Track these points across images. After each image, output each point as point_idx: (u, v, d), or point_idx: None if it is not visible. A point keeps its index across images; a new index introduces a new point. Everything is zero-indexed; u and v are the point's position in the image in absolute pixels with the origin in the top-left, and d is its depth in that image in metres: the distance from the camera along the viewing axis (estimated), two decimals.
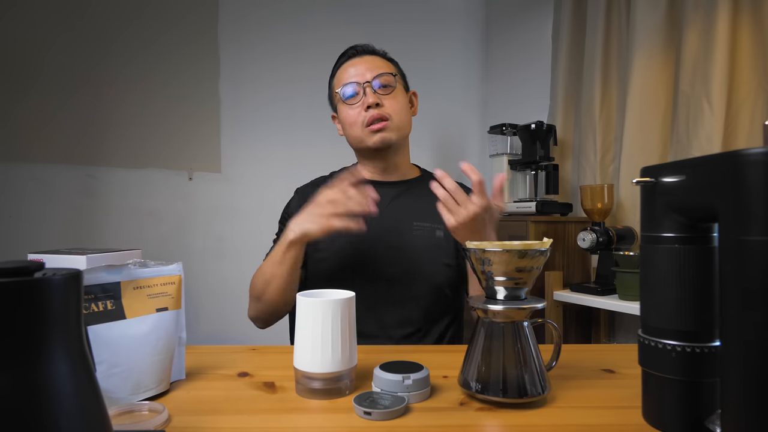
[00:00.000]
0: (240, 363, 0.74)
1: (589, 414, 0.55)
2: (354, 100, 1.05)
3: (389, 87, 1.06)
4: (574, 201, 2.01)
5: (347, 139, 1.10)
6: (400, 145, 1.10)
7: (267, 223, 1.15)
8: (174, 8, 2.09)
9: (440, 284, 1.03)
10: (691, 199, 0.45)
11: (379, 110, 1.03)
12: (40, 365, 0.31)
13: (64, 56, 1.92)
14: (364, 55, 1.09)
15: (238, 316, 2.03)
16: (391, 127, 1.04)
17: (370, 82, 1.04)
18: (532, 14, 2.35)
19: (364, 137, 1.04)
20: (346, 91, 1.05)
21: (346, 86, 1.05)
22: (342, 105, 1.07)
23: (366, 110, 1.03)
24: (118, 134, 2.01)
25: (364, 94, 1.04)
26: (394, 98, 1.06)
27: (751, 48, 1.52)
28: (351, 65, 1.07)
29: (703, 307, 0.46)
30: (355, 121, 1.05)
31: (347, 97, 1.05)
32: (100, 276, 0.57)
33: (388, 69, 1.07)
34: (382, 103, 1.04)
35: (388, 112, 1.04)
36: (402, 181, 1.12)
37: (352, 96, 1.05)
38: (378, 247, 1.02)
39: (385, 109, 1.04)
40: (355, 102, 1.05)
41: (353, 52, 1.10)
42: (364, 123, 1.03)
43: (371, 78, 1.04)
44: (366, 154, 1.10)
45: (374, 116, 1.02)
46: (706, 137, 1.55)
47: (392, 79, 1.07)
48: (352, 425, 0.52)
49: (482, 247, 0.57)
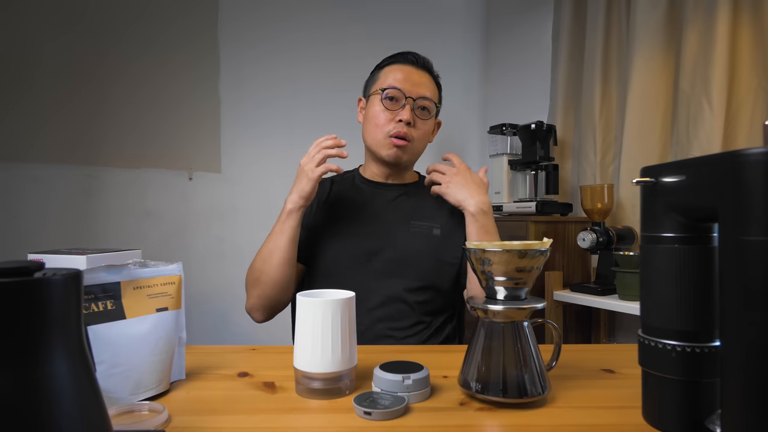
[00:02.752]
0: (240, 363, 0.74)
1: (589, 414, 0.55)
2: (393, 105, 1.06)
3: (427, 112, 1.08)
4: (574, 201, 2.01)
5: (364, 132, 1.12)
6: (409, 165, 1.15)
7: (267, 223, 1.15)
8: (174, 8, 2.09)
9: (437, 281, 1.05)
10: (691, 199, 0.45)
11: (409, 129, 1.05)
12: (40, 365, 0.32)
13: (64, 56, 1.92)
14: (422, 70, 1.09)
15: (238, 316, 2.04)
16: (410, 149, 1.08)
17: (415, 99, 1.05)
18: (531, 14, 2.34)
19: (383, 144, 1.07)
20: (390, 93, 1.06)
21: (392, 89, 1.05)
22: (377, 101, 1.07)
23: (397, 122, 1.04)
24: (118, 134, 2.01)
25: (403, 107, 1.05)
26: (425, 125, 1.09)
27: (751, 48, 1.52)
28: (406, 71, 1.07)
29: (703, 307, 0.46)
30: (382, 125, 1.06)
31: (388, 99, 1.06)
32: (100, 276, 0.57)
33: (433, 95, 1.10)
34: (414, 124, 1.06)
35: (414, 134, 1.06)
36: (401, 184, 1.15)
37: (392, 100, 1.06)
38: (377, 245, 1.04)
39: (413, 131, 1.06)
40: (392, 107, 1.06)
41: (413, 59, 1.10)
42: (389, 132, 1.05)
43: (417, 96, 1.06)
44: (376, 157, 1.11)
45: (401, 132, 1.04)
46: (706, 137, 1.55)
47: (433, 106, 1.09)
48: (352, 425, 0.52)
49: (482, 247, 0.57)
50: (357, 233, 1.06)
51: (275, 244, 0.97)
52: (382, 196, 1.12)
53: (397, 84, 1.05)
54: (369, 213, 1.09)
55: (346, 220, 1.08)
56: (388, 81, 1.07)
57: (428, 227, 1.08)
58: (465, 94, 2.60)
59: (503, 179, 2.11)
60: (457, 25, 2.60)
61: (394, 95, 1.05)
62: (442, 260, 1.06)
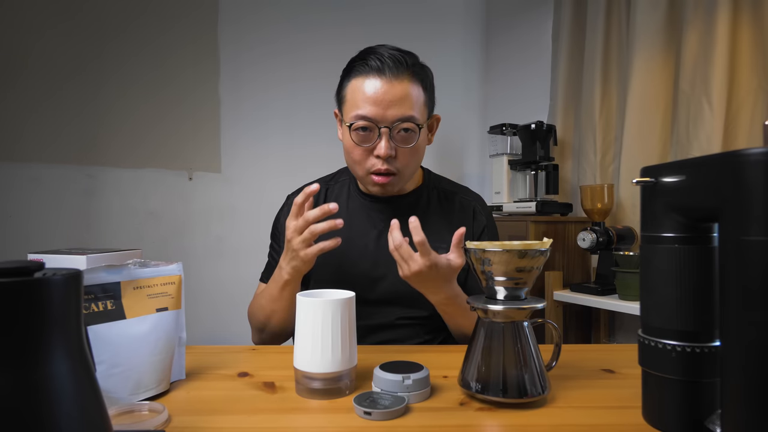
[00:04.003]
0: (240, 363, 0.74)
1: (589, 414, 0.55)
2: (366, 137, 0.89)
3: (412, 134, 0.89)
4: (574, 201, 2.01)
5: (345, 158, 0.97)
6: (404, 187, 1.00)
7: (266, 223, 1.15)
8: (174, 9, 2.09)
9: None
10: (691, 199, 0.45)
11: (390, 164, 0.89)
12: (40, 365, 0.32)
13: (64, 57, 1.92)
14: (393, 79, 0.87)
15: (238, 316, 2.03)
16: (397, 181, 0.93)
17: (391, 127, 0.87)
18: (532, 14, 2.35)
19: (364, 180, 0.95)
20: (358, 123, 0.88)
21: (358, 118, 0.87)
22: (347, 130, 0.90)
23: (375, 157, 0.89)
24: (118, 134, 2.01)
25: (379, 136, 0.87)
26: (411, 149, 0.90)
27: (751, 48, 1.52)
28: (374, 87, 0.87)
29: (703, 307, 0.46)
30: (358, 161, 0.92)
31: (357, 130, 0.89)
32: (100, 276, 0.57)
33: (418, 108, 0.89)
34: (396, 155, 0.89)
35: (398, 166, 0.90)
36: (402, 195, 1.02)
37: (365, 131, 0.88)
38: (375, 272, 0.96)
39: (396, 163, 0.90)
40: (366, 141, 0.89)
41: (379, 65, 0.87)
42: (369, 169, 0.91)
43: (393, 120, 0.87)
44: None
45: (381, 170, 0.89)
46: (706, 137, 1.55)
47: (416, 127, 0.89)
48: (352, 425, 0.52)
49: (482, 247, 0.57)
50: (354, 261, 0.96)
51: (275, 306, 0.90)
52: (379, 213, 1.00)
53: (365, 112, 0.86)
54: (366, 235, 0.98)
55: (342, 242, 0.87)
56: (355, 108, 0.88)
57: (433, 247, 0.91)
58: (465, 94, 2.60)
59: (503, 179, 2.11)
60: (457, 25, 2.60)
61: (365, 125, 0.87)
62: None
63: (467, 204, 1.05)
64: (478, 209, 1.05)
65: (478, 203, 1.07)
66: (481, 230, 1.04)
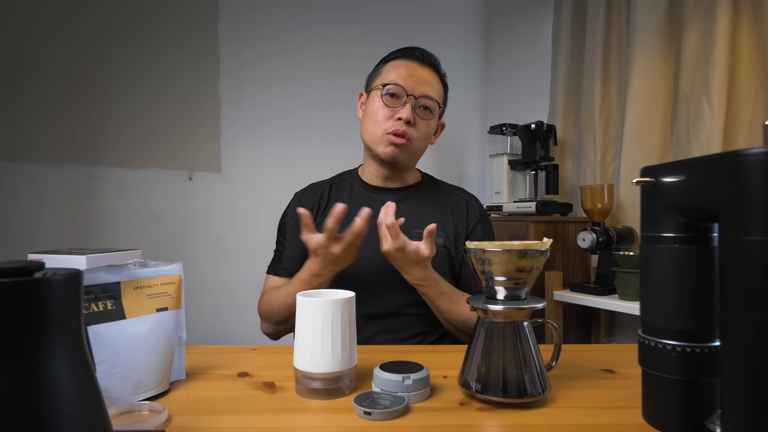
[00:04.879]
0: (240, 363, 0.74)
1: (589, 414, 0.55)
2: (394, 102, 1.02)
3: (428, 111, 1.04)
4: (574, 201, 2.01)
5: (362, 128, 1.07)
6: (408, 165, 1.09)
7: (267, 222, 1.15)
8: (174, 8, 2.09)
9: None
10: (691, 199, 0.45)
11: (408, 128, 1.01)
12: (40, 365, 0.32)
13: (64, 56, 1.92)
14: (427, 67, 1.05)
15: (238, 316, 2.05)
16: (408, 149, 1.03)
17: (417, 97, 1.01)
18: (532, 14, 2.35)
19: (380, 141, 1.02)
20: (391, 89, 1.01)
21: (393, 85, 1.01)
22: (378, 96, 1.03)
23: (396, 119, 1.01)
24: (118, 134, 2.01)
25: (404, 104, 1.01)
26: (426, 125, 1.04)
27: (751, 48, 1.52)
28: (411, 67, 1.03)
29: (703, 307, 0.46)
30: (380, 122, 1.02)
31: (389, 95, 1.02)
32: (100, 276, 0.57)
33: (437, 94, 1.05)
34: (414, 123, 1.01)
35: (413, 134, 1.02)
36: (402, 187, 1.11)
37: (393, 97, 1.02)
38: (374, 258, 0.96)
39: (412, 130, 1.02)
40: (392, 105, 1.02)
41: (420, 55, 1.06)
42: (387, 129, 1.01)
43: (419, 94, 1.01)
44: (373, 155, 1.07)
45: (399, 131, 1.00)
46: (706, 137, 1.55)
47: (436, 106, 1.05)
48: (352, 425, 0.52)
49: (482, 247, 0.57)
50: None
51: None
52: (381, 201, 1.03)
53: (399, 80, 1.01)
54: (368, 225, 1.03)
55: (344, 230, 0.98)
56: (391, 77, 1.03)
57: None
58: (465, 94, 2.61)
59: (503, 179, 2.11)
60: (457, 25, 2.60)
61: (396, 92, 1.01)
62: (444, 272, 1.01)
63: (461, 199, 1.13)
64: (471, 204, 1.12)
65: (472, 199, 1.14)
66: (475, 223, 1.09)
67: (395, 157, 1.03)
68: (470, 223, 1.09)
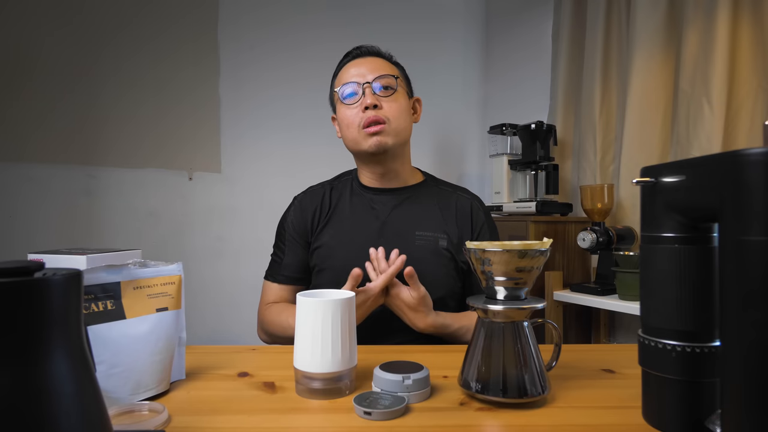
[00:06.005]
0: (240, 363, 0.74)
1: (589, 414, 0.55)
2: (352, 100, 1.02)
3: (390, 89, 1.03)
4: (574, 201, 2.01)
5: (344, 141, 1.07)
6: (399, 151, 1.05)
7: (267, 223, 1.15)
8: (174, 8, 2.09)
9: (443, 295, 1.00)
10: (691, 199, 0.45)
11: (377, 112, 1.00)
12: (40, 365, 0.31)
13: (64, 56, 1.92)
14: (367, 56, 1.06)
15: (238, 316, 2.05)
16: (388, 130, 1.00)
17: (370, 83, 1.01)
18: (532, 14, 2.35)
19: (360, 140, 1.01)
20: (345, 90, 1.03)
21: (345, 86, 1.03)
22: (340, 105, 1.04)
23: (363, 111, 1.00)
24: (118, 134, 2.01)
25: (363, 94, 1.01)
26: (395, 101, 1.02)
27: (751, 48, 1.52)
28: (353, 65, 1.05)
29: (703, 307, 0.46)
30: (352, 122, 1.01)
31: (346, 96, 1.03)
32: (100, 276, 0.57)
33: (390, 71, 1.04)
34: (380, 105, 1.00)
35: (386, 114, 1.00)
36: (403, 187, 1.09)
37: (351, 96, 1.02)
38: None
39: (383, 112, 1.00)
40: (353, 102, 1.02)
41: (357, 52, 1.07)
42: (360, 125, 1.00)
43: (372, 79, 1.01)
44: (363, 159, 1.06)
45: (371, 119, 0.99)
46: (706, 137, 1.55)
47: (393, 81, 1.03)
48: (352, 425, 0.52)
49: (482, 247, 0.57)
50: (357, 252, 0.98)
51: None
52: (382, 203, 1.06)
53: (349, 79, 1.03)
54: (369, 227, 1.03)
55: (347, 235, 1.03)
56: (341, 81, 1.04)
57: (434, 238, 1.02)
58: (465, 94, 2.61)
59: (503, 179, 2.11)
60: (457, 24, 2.60)
61: (351, 90, 1.02)
62: (449, 275, 1.01)
63: (465, 201, 1.10)
64: (476, 206, 1.10)
65: (475, 201, 1.11)
66: (480, 225, 1.08)
67: (381, 145, 1.00)
68: (476, 226, 1.07)
